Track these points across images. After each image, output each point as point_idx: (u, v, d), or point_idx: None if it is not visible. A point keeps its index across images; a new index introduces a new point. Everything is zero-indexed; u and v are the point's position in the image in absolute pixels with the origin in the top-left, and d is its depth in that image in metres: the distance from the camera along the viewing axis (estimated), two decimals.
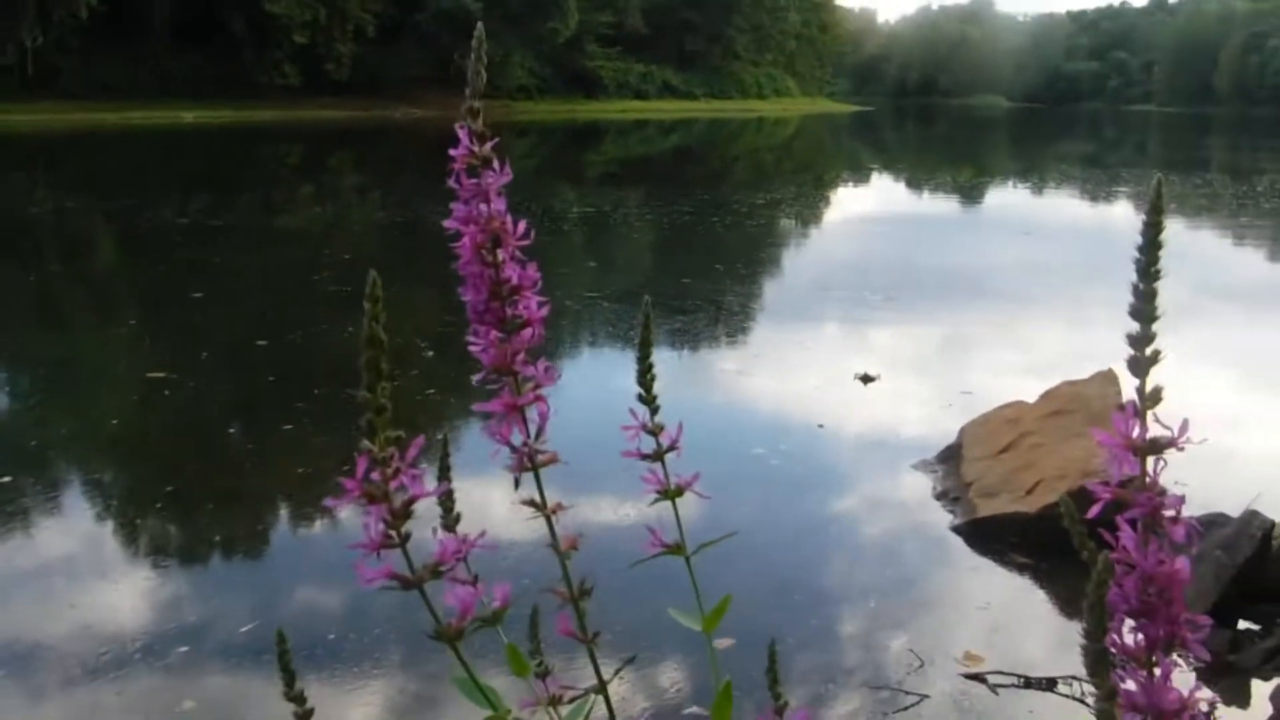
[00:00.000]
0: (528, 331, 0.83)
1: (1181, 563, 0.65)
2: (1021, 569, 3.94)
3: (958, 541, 4.17)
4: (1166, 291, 0.75)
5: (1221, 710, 3.09)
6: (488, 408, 0.83)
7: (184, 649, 3.23)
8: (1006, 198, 19.50)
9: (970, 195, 19.87)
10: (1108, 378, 4.43)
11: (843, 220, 15.87)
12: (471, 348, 0.83)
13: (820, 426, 5.47)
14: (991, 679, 3.15)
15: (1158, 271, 0.69)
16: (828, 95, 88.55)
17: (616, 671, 0.95)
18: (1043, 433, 4.36)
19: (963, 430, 4.95)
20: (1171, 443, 0.66)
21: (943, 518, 4.37)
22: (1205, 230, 14.62)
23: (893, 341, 7.62)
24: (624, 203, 16.69)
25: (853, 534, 4.34)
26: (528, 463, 0.85)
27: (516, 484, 0.86)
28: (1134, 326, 0.69)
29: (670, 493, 1.02)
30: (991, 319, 8.44)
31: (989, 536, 4.14)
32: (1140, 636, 0.65)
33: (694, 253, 11.69)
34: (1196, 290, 9.85)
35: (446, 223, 0.81)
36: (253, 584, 3.84)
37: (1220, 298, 9.30)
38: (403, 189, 18.30)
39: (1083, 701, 3.06)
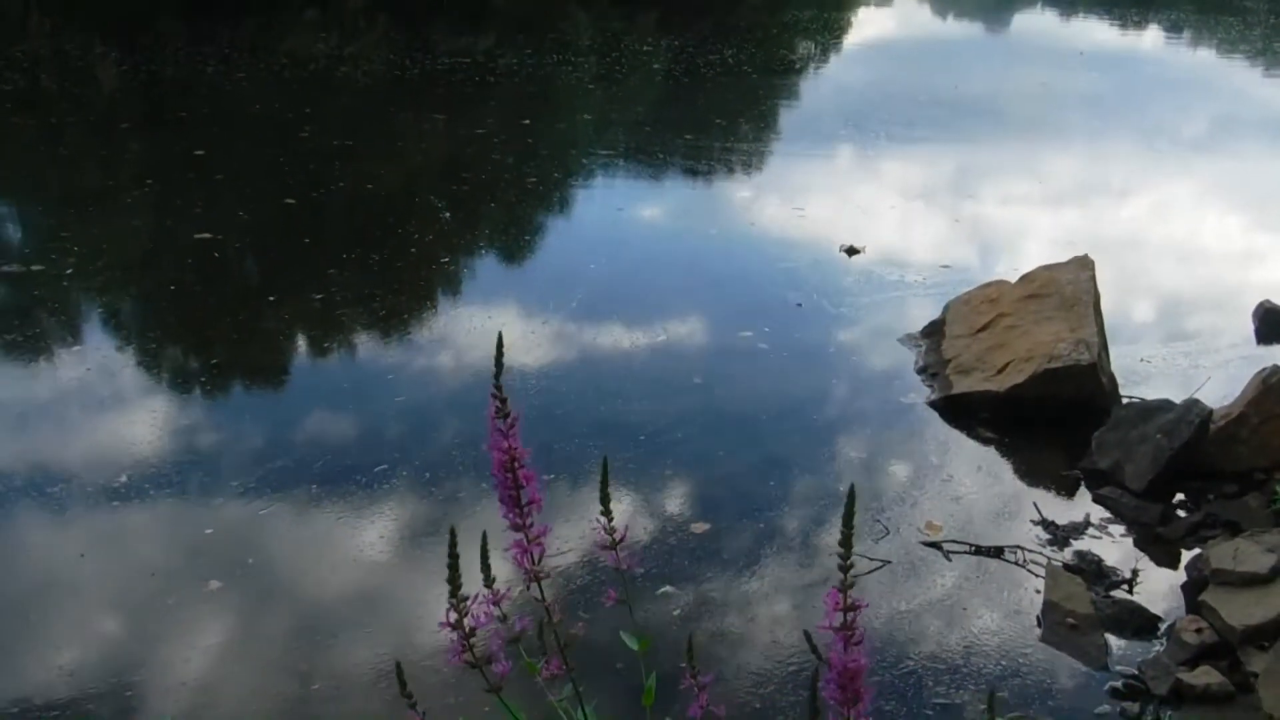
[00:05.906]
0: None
1: None
2: (986, 442, 4.35)
3: (933, 416, 4.56)
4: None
5: (1149, 573, 3.55)
6: None
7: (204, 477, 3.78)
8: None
9: None
10: (1082, 263, 4.66)
11: (858, 44, 15.39)
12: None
13: (799, 305, 5.73)
14: (947, 547, 3.61)
15: None
16: None
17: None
18: (1018, 314, 4.65)
19: (947, 306, 5.24)
20: None
21: (922, 392, 4.74)
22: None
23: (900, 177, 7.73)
24: (632, 31, 16.17)
25: (836, 408, 4.72)
26: None
27: None
28: None
29: None
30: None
31: (961, 411, 4.53)
32: None
33: (694, 107, 11.51)
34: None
35: (485, 447, 1.10)
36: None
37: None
38: (412, 36, 17.61)
39: (1024, 567, 3.53)
